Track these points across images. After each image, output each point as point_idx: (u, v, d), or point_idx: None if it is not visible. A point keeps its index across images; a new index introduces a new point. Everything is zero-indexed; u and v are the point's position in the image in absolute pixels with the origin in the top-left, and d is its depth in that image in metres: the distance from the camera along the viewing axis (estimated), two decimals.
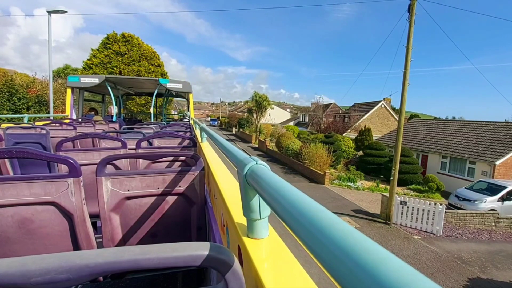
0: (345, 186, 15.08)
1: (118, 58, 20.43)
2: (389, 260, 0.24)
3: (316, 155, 16.56)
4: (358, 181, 16.01)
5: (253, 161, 0.75)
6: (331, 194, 13.65)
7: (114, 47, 20.59)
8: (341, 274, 0.27)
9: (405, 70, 9.94)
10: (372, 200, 13.36)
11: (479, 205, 12.15)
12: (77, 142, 3.77)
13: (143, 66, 21.07)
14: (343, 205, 12.19)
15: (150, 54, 21.87)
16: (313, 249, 0.34)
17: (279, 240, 0.76)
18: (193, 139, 3.03)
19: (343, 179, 15.76)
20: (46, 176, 1.35)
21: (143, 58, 21.33)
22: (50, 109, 9.61)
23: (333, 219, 0.35)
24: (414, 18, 9.68)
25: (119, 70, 20.12)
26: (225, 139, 1.53)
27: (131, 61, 20.74)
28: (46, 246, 1.40)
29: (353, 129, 29.39)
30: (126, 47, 20.92)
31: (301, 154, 17.73)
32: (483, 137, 16.89)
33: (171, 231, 1.64)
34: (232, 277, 0.45)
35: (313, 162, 16.59)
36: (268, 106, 32.22)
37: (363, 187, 15.08)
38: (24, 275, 0.34)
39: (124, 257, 0.39)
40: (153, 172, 1.57)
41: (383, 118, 31.82)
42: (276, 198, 0.51)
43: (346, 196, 13.54)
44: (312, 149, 17.15)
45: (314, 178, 16.01)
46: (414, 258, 7.98)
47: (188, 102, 8.58)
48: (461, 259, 8.13)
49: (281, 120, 50.01)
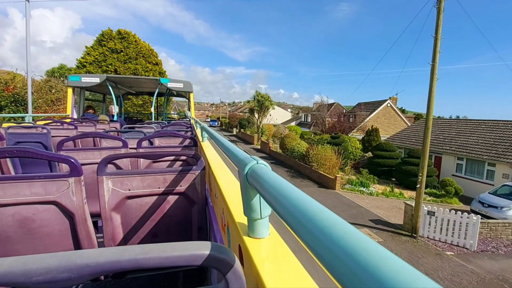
0: (358, 191, 13.93)
1: (114, 55, 19.19)
2: (390, 259, 0.25)
3: (324, 157, 15.37)
4: (371, 185, 14.76)
5: (254, 160, 0.75)
6: (344, 201, 12.47)
7: (109, 44, 19.35)
8: (342, 274, 0.28)
9: (433, 64, 8.74)
10: (389, 207, 12.20)
11: (507, 212, 10.94)
12: (78, 142, 3.76)
13: (140, 64, 19.84)
14: (359, 213, 11.00)
15: (148, 51, 20.64)
16: (314, 248, 0.34)
17: (280, 240, 0.76)
18: (194, 138, 3.02)
19: (355, 184, 14.54)
20: (47, 175, 1.36)
21: (140, 55, 20.10)
22: (28, 109, 8.42)
23: (334, 218, 0.35)
24: (443, 4, 8.45)
25: (115, 68, 18.85)
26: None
27: (127, 58, 19.51)
28: (47, 246, 1.42)
29: (358, 129, 28.17)
30: (122, 44, 19.68)
31: (308, 157, 16.57)
32: (501, 137, 15.74)
33: (172, 230, 1.64)
34: (233, 276, 0.45)
35: (322, 165, 15.44)
36: (270, 106, 31.10)
37: (376, 192, 13.87)
38: (25, 275, 0.35)
39: (125, 256, 0.39)
40: (154, 172, 1.57)
41: (389, 117, 30.67)
42: (277, 197, 0.51)
43: (360, 202, 12.37)
44: (320, 151, 15.96)
45: (323, 182, 14.83)
46: (453, 281, 6.78)
47: (189, 101, 8.54)
48: (507, 281, 6.89)
49: (282, 120, 48.90)
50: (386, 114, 30.77)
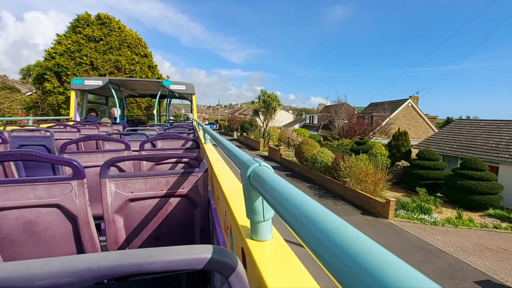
0: (417, 219, 10.17)
1: (91, 44, 15.47)
2: (395, 264, 0.24)
3: (364, 171, 11.62)
4: (433, 209, 11.02)
5: (256, 163, 0.74)
6: (410, 239, 8.65)
7: (86, 31, 15.59)
8: (345, 277, 0.27)
9: None
10: (475, 247, 8.38)
11: None
12: (81, 144, 3.67)
13: (123, 56, 16.10)
14: (450, 268, 7.16)
15: (134, 41, 16.87)
16: (317, 251, 0.34)
17: (283, 242, 0.75)
18: (196, 140, 2.93)
19: (411, 209, 10.75)
20: (50, 178, 1.35)
21: (124, 45, 16.37)
22: None
23: (337, 221, 0.35)
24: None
25: (91, 60, 15.00)
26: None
27: (108, 48, 15.81)
28: (50, 249, 1.41)
29: (378, 132, 24.60)
30: (101, 31, 15.94)
31: (336, 169, 12.81)
32: None
33: (175, 233, 1.62)
34: (235, 279, 0.44)
35: (360, 182, 11.66)
36: (278, 107, 27.33)
37: (442, 222, 10.14)
38: (28, 279, 0.35)
39: (127, 260, 0.39)
40: (156, 174, 1.56)
41: (410, 119, 27.15)
42: (280, 200, 0.51)
43: (434, 241, 8.55)
44: (356, 163, 12.24)
45: (365, 205, 11.18)
46: None
47: (192, 103, 8.55)
48: None
49: (284, 122, 45.15)
50: (406, 115, 27.24)
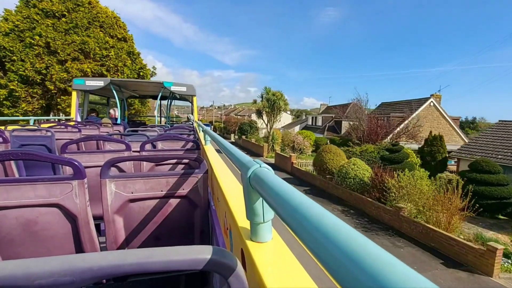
0: None
1: (48, 21, 11.58)
2: (395, 265, 0.25)
3: (427, 195, 8.17)
4: None
5: (257, 164, 0.74)
6: None
7: (42, 5, 11.64)
8: (345, 279, 0.28)
9: None
10: None
11: None
12: (81, 144, 3.67)
13: (93, 37, 12.32)
14: None
15: (110, 20, 12.97)
16: (317, 253, 0.34)
17: (282, 244, 0.75)
18: (197, 141, 2.94)
19: None
20: (50, 178, 1.35)
21: (95, 24, 12.43)
22: None
23: (337, 223, 0.35)
24: None
25: (47, 41, 11.03)
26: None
27: (72, 27, 11.77)
28: (50, 248, 1.41)
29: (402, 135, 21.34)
30: (65, 5, 11.98)
31: (381, 188, 9.39)
32: None
33: (174, 234, 1.62)
34: (235, 280, 0.44)
35: (422, 209, 8.22)
36: (284, 106, 23.70)
37: None
38: (28, 278, 0.35)
39: (127, 260, 0.39)
40: (156, 175, 1.56)
41: (431, 119, 23.94)
42: (280, 201, 0.51)
43: None
44: (413, 182, 8.80)
45: (442, 249, 7.56)
46: None
47: (192, 104, 8.58)
48: None
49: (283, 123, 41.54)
50: (428, 115, 24.02)
